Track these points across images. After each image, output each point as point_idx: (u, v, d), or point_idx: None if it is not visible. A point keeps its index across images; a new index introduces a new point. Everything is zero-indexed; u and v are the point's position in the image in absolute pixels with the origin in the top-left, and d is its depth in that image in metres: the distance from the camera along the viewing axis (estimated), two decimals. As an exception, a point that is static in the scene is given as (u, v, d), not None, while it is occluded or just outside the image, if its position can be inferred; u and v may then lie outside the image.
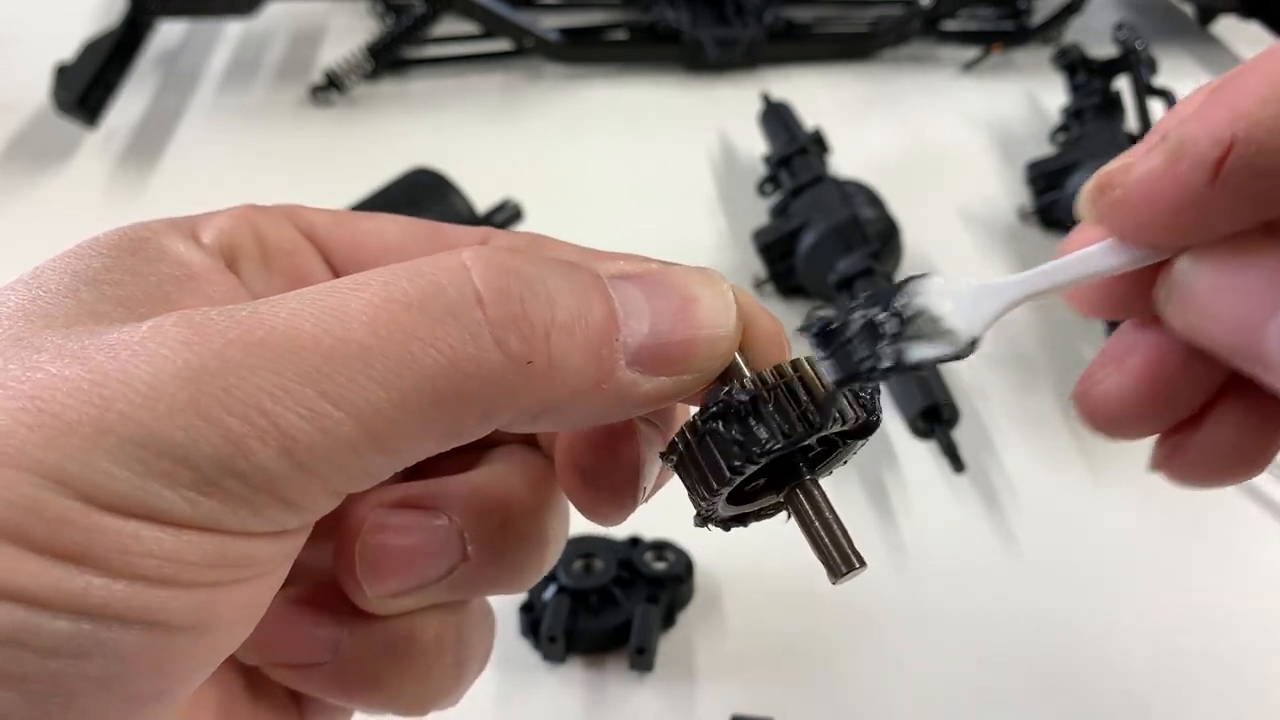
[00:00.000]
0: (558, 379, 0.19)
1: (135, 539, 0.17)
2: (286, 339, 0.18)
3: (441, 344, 0.18)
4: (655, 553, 0.47)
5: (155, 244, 0.22)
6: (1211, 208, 0.18)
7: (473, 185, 0.62)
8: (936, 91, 0.88)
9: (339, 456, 0.18)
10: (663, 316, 0.21)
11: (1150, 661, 0.45)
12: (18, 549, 0.16)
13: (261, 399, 0.17)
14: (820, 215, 0.62)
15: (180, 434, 0.17)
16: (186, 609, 0.17)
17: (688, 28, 0.89)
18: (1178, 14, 0.99)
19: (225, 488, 0.17)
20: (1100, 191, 0.20)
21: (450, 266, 0.19)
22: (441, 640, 0.25)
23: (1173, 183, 0.18)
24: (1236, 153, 0.17)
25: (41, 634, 0.16)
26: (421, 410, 0.18)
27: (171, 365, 0.17)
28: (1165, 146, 0.18)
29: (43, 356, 0.18)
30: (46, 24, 0.94)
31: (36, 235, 0.71)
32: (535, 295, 0.19)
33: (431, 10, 0.85)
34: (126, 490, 0.17)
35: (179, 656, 0.18)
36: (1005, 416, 0.57)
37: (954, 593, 0.48)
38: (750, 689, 0.44)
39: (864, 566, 0.21)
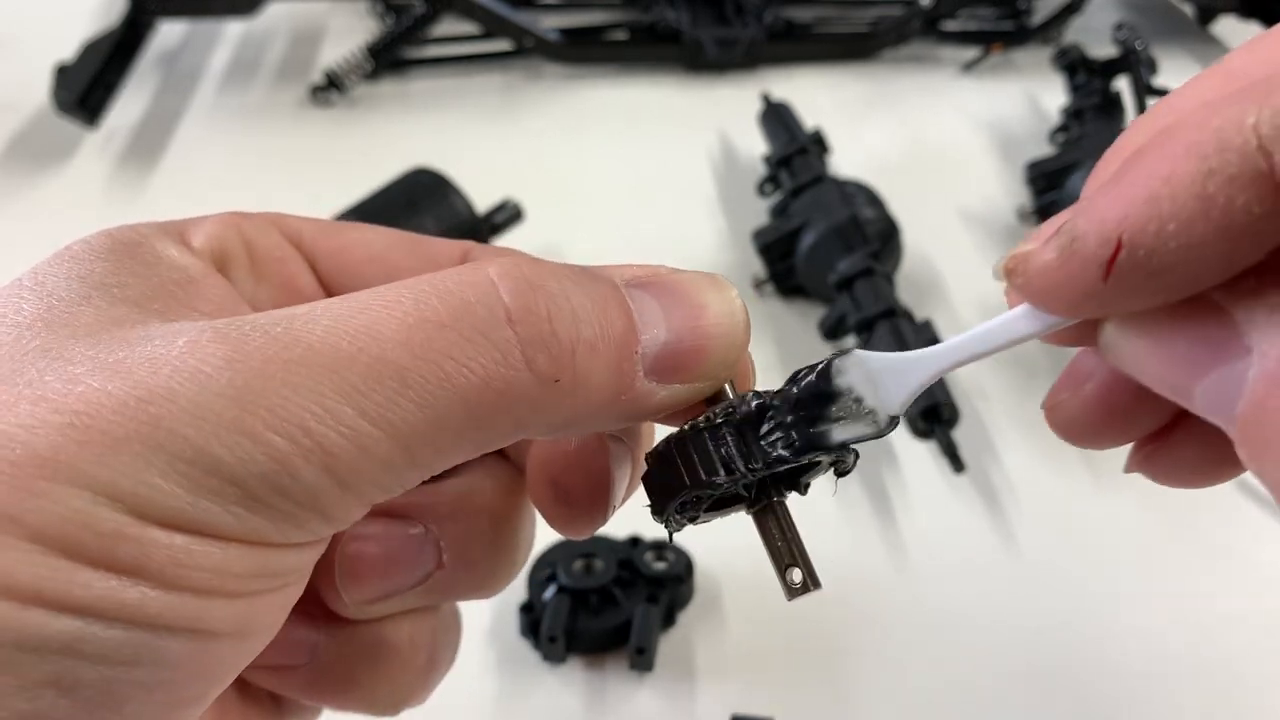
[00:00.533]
0: (582, 395, 0.20)
1: (186, 552, 0.17)
2: (325, 358, 0.18)
3: (474, 364, 0.19)
4: (655, 553, 0.47)
5: (149, 248, 0.22)
6: (1108, 299, 0.18)
7: (473, 185, 0.62)
8: (936, 91, 0.88)
9: (376, 473, 0.19)
10: (677, 325, 0.21)
11: (1150, 661, 0.45)
12: (73, 562, 0.17)
13: (305, 418, 0.18)
14: (820, 215, 0.62)
15: (228, 452, 0.17)
16: (230, 617, 0.18)
17: (688, 28, 0.89)
18: (1177, 14, 0.99)
19: (271, 504, 0.18)
20: (1007, 275, 0.20)
21: (478, 283, 0.20)
22: (415, 643, 0.26)
23: (1066, 277, 0.18)
24: (1124, 254, 0.17)
25: (97, 643, 0.17)
26: (455, 427, 0.19)
27: (215, 384, 0.18)
28: (1057, 241, 0.19)
29: (79, 369, 0.18)
30: (46, 24, 0.94)
31: (36, 235, 0.71)
32: (561, 312, 0.20)
33: (431, 10, 0.85)
34: (177, 506, 0.17)
35: (219, 662, 0.19)
36: (1005, 416, 0.57)
37: (954, 593, 0.48)
38: (750, 689, 0.44)
39: (818, 587, 0.22)
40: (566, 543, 0.47)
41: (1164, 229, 0.17)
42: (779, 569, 0.22)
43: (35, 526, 0.17)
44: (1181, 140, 0.17)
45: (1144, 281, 0.17)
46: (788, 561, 0.22)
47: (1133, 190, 0.17)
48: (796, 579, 0.22)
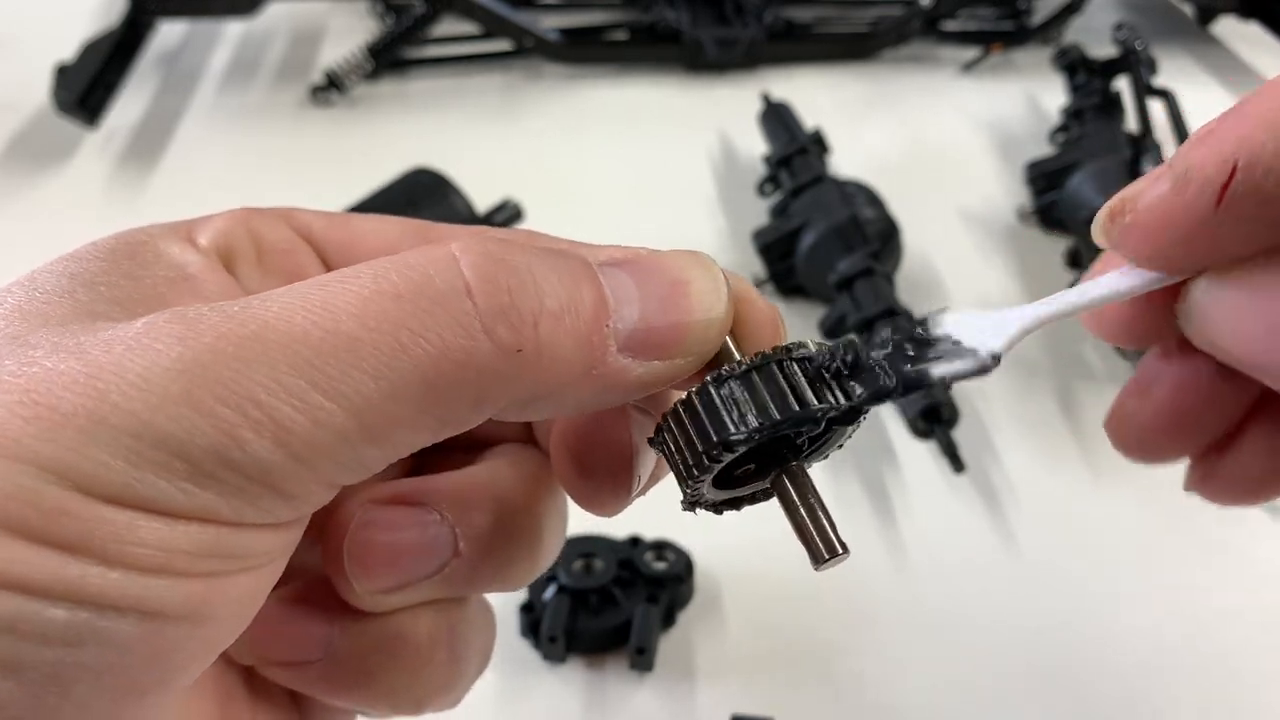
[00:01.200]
0: (548, 366, 0.20)
1: (130, 528, 0.17)
2: (278, 332, 0.18)
3: (430, 334, 0.18)
4: (655, 553, 0.47)
5: (151, 247, 0.22)
6: (1219, 231, 0.18)
7: (473, 185, 0.62)
8: (936, 92, 0.88)
9: (332, 447, 0.18)
10: (653, 301, 0.21)
11: (1149, 659, 0.45)
12: (14, 539, 0.16)
13: (255, 390, 0.17)
14: (820, 215, 0.62)
15: (174, 425, 0.17)
16: (181, 598, 0.18)
17: (688, 28, 0.89)
18: (1177, 14, 0.99)
19: (220, 478, 0.18)
20: (1112, 218, 0.20)
21: (438, 257, 0.19)
22: (434, 638, 0.25)
23: (1180, 208, 0.19)
24: (1240, 177, 0.18)
25: (39, 622, 0.16)
26: (412, 400, 0.19)
27: (164, 358, 0.17)
28: (1172, 173, 0.19)
29: (38, 352, 0.18)
30: (46, 24, 0.94)
31: (36, 235, 0.71)
32: (523, 284, 0.19)
33: (431, 10, 0.85)
34: (122, 481, 0.17)
35: (174, 647, 0.18)
36: (1005, 416, 0.57)
37: (954, 593, 0.48)
38: (750, 689, 0.44)
39: (847, 554, 0.21)
40: (567, 542, 0.46)
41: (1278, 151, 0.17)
42: (803, 538, 0.21)
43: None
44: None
45: (1259, 209, 0.18)
46: (812, 529, 0.21)
47: (1247, 118, 0.18)
48: (823, 546, 0.21)
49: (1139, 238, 0.20)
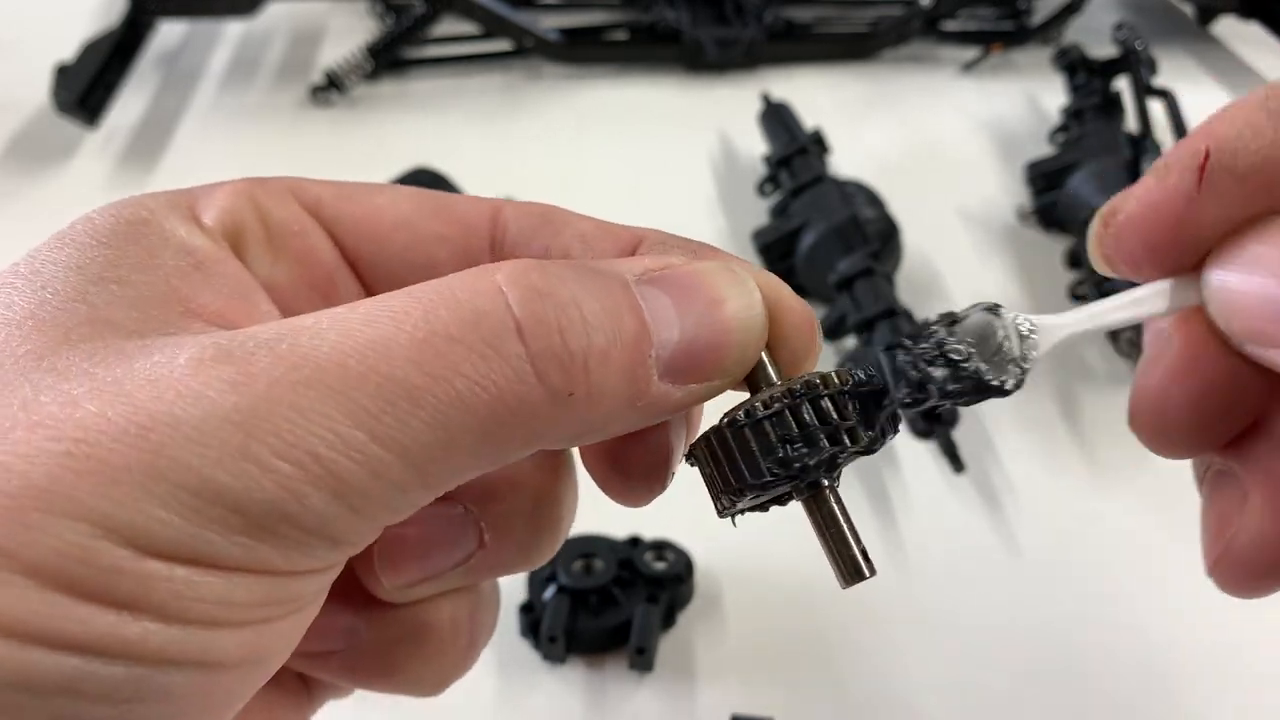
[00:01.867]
0: (596, 405, 0.20)
1: (188, 584, 0.17)
2: (333, 377, 0.18)
3: (485, 380, 0.18)
4: (655, 553, 0.47)
5: (156, 228, 0.21)
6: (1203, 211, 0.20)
7: (473, 185, 0.62)
8: (936, 92, 0.88)
9: (388, 496, 0.18)
10: (691, 324, 0.21)
11: (1150, 659, 0.45)
12: (72, 598, 0.16)
13: (314, 443, 0.17)
14: (820, 215, 0.62)
15: (233, 480, 0.17)
16: (236, 647, 0.18)
17: (687, 28, 0.89)
18: (1177, 14, 0.99)
19: (277, 532, 0.17)
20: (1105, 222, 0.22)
21: (485, 291, 0.19)
22: (456, 624, 0.25)
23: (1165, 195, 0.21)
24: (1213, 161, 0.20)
25: (98, 681, 0.16)
26: (468, 447, 0.18)
27: (219, 408, 0.17)
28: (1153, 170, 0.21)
29: (77, 389, 0.17)
30: (46, 24, 0.94)
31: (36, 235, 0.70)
32: (572, 322, 0.19)
33: (431, 10, 0.85)
34: (179, 537, 0.17)
35: (228, 691, 0.18)
36: (1005, 417, 0.57)
37: (954, 593, 0.48)
38: (750, 689, 0.44)
39: (874, 574, 0.21)
40: (567, 542, 0.47)
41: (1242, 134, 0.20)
42: (832, 556, 0.22)
43: (32, 561, 0.16)
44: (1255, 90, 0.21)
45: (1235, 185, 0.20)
46: (843, 547, 0.22)
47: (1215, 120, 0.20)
48: (852, 565, 0.21)
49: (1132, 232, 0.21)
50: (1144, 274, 0.22)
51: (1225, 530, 0.23)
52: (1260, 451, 0.22)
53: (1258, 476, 0.22)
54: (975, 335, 0.21)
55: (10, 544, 0.16)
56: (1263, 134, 0.20)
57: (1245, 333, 0.20)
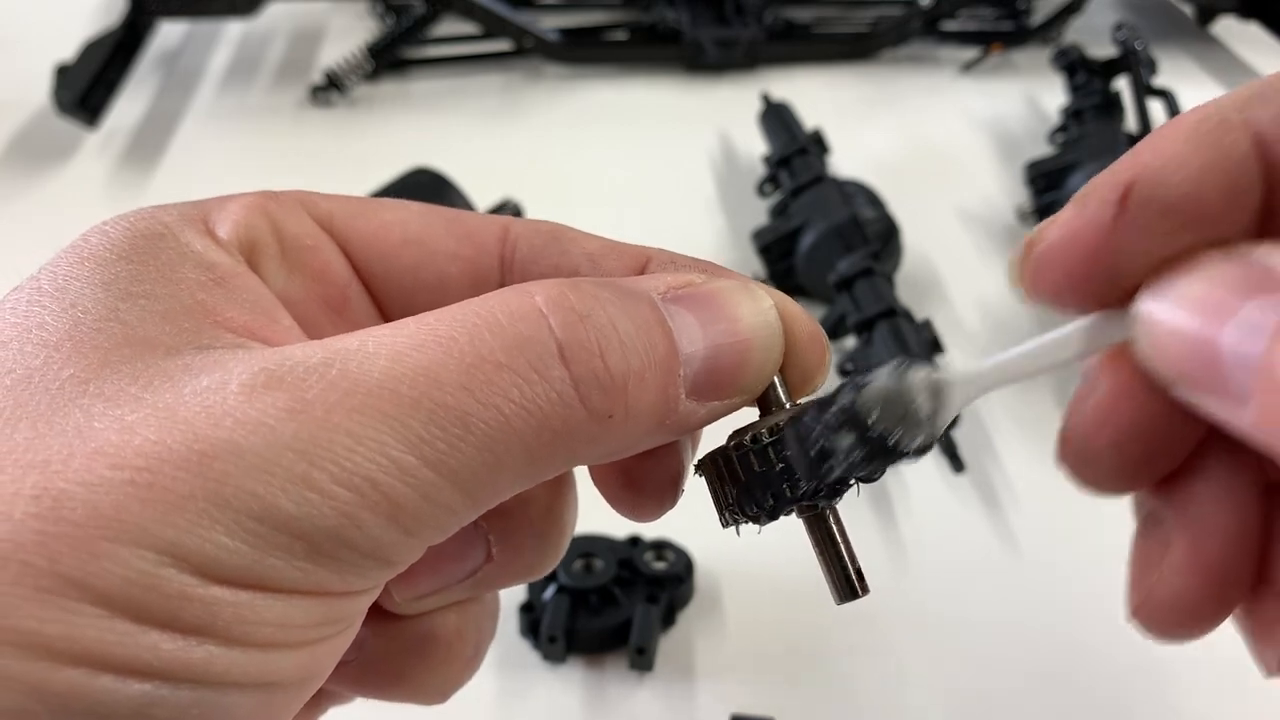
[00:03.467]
0: (633, 426, 0.20)
1: (251, 609, 0.17)
2: (387, 404, 0.18)
3: (531, 405, 0.19)
4: (655, 552, 0.47)
5: (174, 242, 0.21)
6: (1126, 243, 0.20)
7: (473, 185, 0.62)
8: (936, 92, 0.88)
9: (439, 519, 0.19)
10: (714, 341, 0.21)
11: (1150, 659, 0.45)
12: (139, 625, 0.17)
13: (370, 470, 0.18)
14: (820, 215, 0.62)
15: (295, 507, 0.17)
16: (295, 667, 0.18)
17: (687, 28, 0.89)
18: (1177, 14, 0.99)
19: (337, 557, 0.18)
20: (1026, 251, 0.21)
21: (527, 314, 0.20)
22: (462, 634, 0.25)
23: (1084, 225, 0.20)
24: (1134, 191, 0.19)
25: (167, 705, 0.17)
26: (514, 469, 0.19)
27: (280, 436, 0.17)
28: (1074, 200, 0.20)
29: (130, 415, 0.18)
30: (47, 24, 0.95)
31: (36, 235, 0.71)
32: (611, 346, 0.20)
33: (431, 11, 0.86)
34: (243, 563, 0.17)
35: (282, 710, 0.19)
36: (1005, 416, 0.57)
37: (954, 593, 0.48)
38: (750, 689, 0.44)
39: (867, 593, 0.22)
40: (566, 543, 0.47)
41: (1166, 166, 0.19)
42: (830, 575, 0.22)
43: (101, 590, 0.16)
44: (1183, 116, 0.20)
45: (1157, 216, 0.19)
46: (840, 567, 0.22)
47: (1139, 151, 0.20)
48: (847, 585, 0.22)
49: (1051, 266, 0.20)
50: (1065, 307, 0.21)
51: (1147, 577, 0.24)
52: (1187, 495, 0.22)
53: (1183, 523, 0.22)
54: (883, 398, 0.20)
55: (79, 573, 0.16)
56: (1188, 165, 0.19)
57: (1173, 376, 0.19)
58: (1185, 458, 0.22)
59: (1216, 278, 0.18)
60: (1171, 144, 0.20)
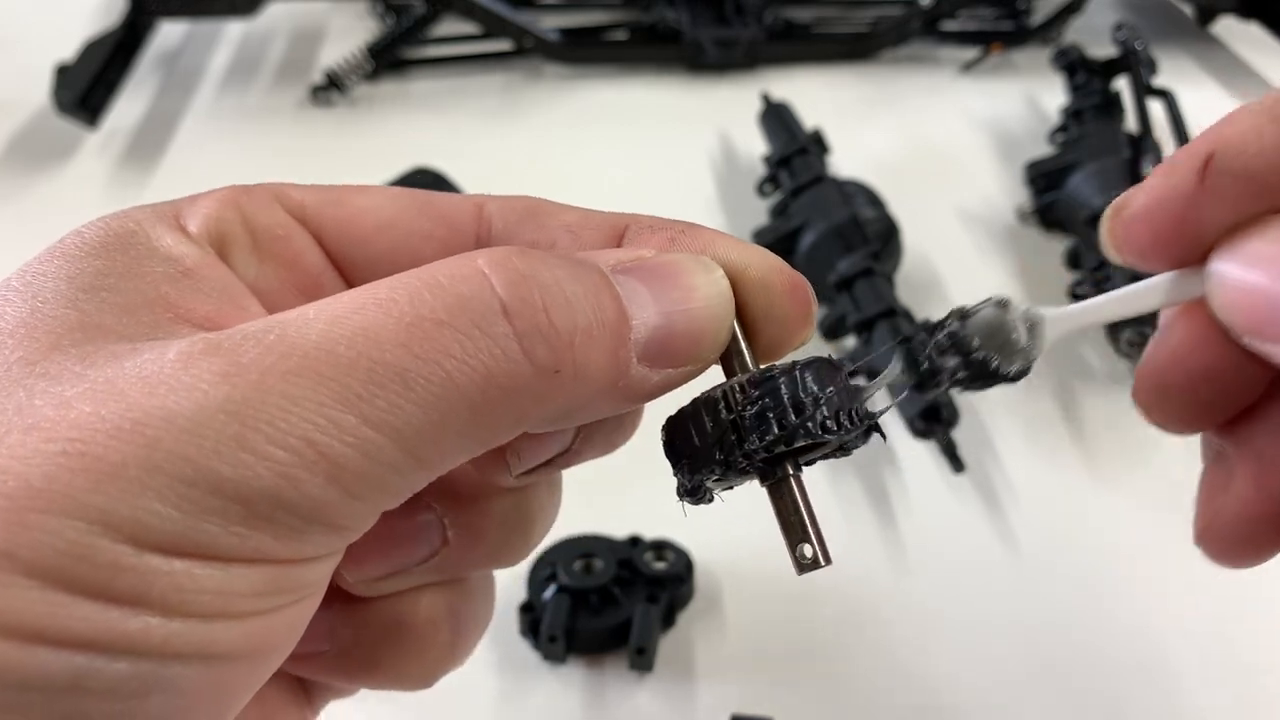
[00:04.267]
0: (582, 384, 0.20)
1: (188, 577, 0.17)
2: (324, 365, 0.18)
3: (474, 360, 0.19)
4: (655, 552, 0.47)
5: (143, 238, 0.22)
6: (1205, 209, 0.22)
7: (473, 185, 0.62)
8: (936, 92, 0.88)
9: (384, 479, 0.18)
10: (666, 308, 0.21)
11: (1151, 659, 0.45)
12: (73, 595, 0.16)
13: (306, 429, 0.17)
14: (820, 215, 0.62)
15: (229, 470, 0.17)
16: (240, 638, 0.18)
17: (687, 28, 0.89)
18: (1177, 14, 0.99)
19: (275, 520, 0.17)
20: (1115, 213, 0.23)
21: (469, 275, 0.19)
22: (434, 619, 0.25)
23: (1169, 192, 0.22)
24: (1215, 159, 0.21)
25: (103, 678, 0.16)
26: (459, 426, 0.19)
27: (212, 399, 0.17)
28: (1160, 168, 0.22)
29: (70, 391, 0.17)
30: (47, 24, 0.95)
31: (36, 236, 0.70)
32: (556, 302, 0.20)
33: (431, 11, 0.86)
34: (177, 530, 0.17)
35: (235, 683, 0.18)
36: (1005, 416, 0.57)
37: (954, 593, 0.48)
38: (750, 689, 0.44)
39: (829, 564, 0.22)
40: (567, 542, 0.47)
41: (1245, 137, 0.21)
42: (790, 543, 0.22)
43: (31, 561, 0.16)
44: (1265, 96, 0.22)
45: (1235, 183, 0.21)
46: (800, 536, 0.22)
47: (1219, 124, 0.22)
48: (808, 554, 0.22)
49: (1139, 228, 0.23)
50: (1150, 265, 0.23)
51: (1212, 504, 0.25)
52: (1251, 434, 0.24)
53: (1246, 457, 0.24)
54: (986, 327, 0.23)
55: (9, 545, 0.16)
56: (1264, 137, 0.21)
57: (1244, 327, 0.21)
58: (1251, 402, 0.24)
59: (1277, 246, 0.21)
60: (1250, 117, 0.21)
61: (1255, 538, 0.24)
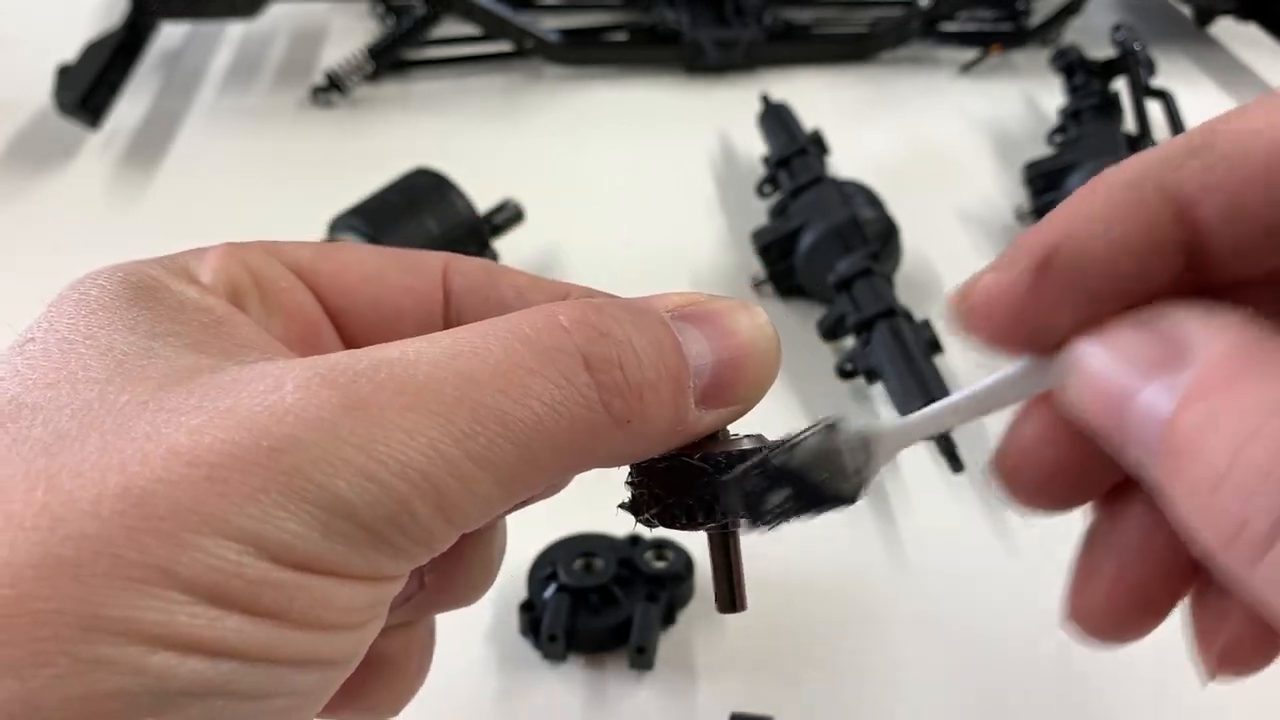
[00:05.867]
0: (649, 431, 0.22)
1: (322, 593, 0.19)
2: (433, 403, 0.20)
3: (561, 407, 0.21)
4: (655, 551, 0.47)
5: (167, 289, 0.23)
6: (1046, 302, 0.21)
7: (473, 186, 0.62)
8: (935, 92, 0.88)
9: (477, 508, 0.20)
10: (719, 353, 0.23)
11: (1150, 659, 0.46)
12: (224, 610, 0.18)
13: (422, 462, 0.19)
14: (819, 216, 0.62)
15: (357, 497, 0.19)
16: (349, 646, 0.20)
17: (687, 29, 0.89)
18: (1176, 15, 0.99)
19: (393, 543, 0.19)
20: (960, 300, 0.22)
21: (554, 329, 0.21)
22: (408, 653, 0.27)
23: (1007, 286, 0.21)
24: (1054, 258, 0.21)
25: (245, 683, 0.18)
26: (545, 465, 0.21)
27: (339, 431, 0.19)
28: (999, 259, 0.22)
29: (196, 420, 0.19)
30: (48, 24, 0.95)
31: (38, 236, 0.71)
32: (629, 359, 0.22)
33: (432, 12, 0.86)
34: (314, 550, 0.19)
35: (332, 687, 0.21)
36: (1005, 416, 0.57)
37: (954, 593, 0.49)
38: (750, 688, 0.44)
39: (744, 609, 0.25)
40: (567, 541, 0.47)
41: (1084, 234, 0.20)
42: (717, 586, 0.25)
43: (188, 578, 0.18)
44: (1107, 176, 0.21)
45: (1075, 281, 0.20)
46: (727, 582, 0.25)
47: (1060, 213, 0.21)
48: (730, 598, 0.25)
49: (980, 315, 0.22)
50: (999, 353, 0.23)
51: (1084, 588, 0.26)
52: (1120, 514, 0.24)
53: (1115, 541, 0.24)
54: (815, 454, 0.23)
55: (168, 563, 0.18)
56: (1107, 234, 0.20)
57: (1094, 427, 0.21)
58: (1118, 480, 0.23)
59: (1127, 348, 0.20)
60: (1092, 209, 0.21)
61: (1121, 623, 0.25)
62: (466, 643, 0.45)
